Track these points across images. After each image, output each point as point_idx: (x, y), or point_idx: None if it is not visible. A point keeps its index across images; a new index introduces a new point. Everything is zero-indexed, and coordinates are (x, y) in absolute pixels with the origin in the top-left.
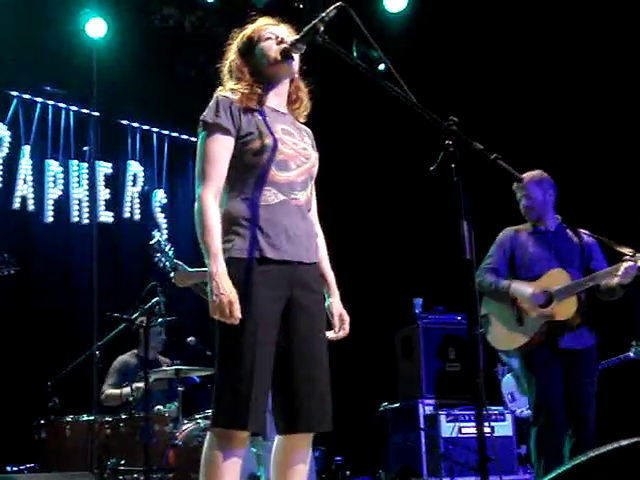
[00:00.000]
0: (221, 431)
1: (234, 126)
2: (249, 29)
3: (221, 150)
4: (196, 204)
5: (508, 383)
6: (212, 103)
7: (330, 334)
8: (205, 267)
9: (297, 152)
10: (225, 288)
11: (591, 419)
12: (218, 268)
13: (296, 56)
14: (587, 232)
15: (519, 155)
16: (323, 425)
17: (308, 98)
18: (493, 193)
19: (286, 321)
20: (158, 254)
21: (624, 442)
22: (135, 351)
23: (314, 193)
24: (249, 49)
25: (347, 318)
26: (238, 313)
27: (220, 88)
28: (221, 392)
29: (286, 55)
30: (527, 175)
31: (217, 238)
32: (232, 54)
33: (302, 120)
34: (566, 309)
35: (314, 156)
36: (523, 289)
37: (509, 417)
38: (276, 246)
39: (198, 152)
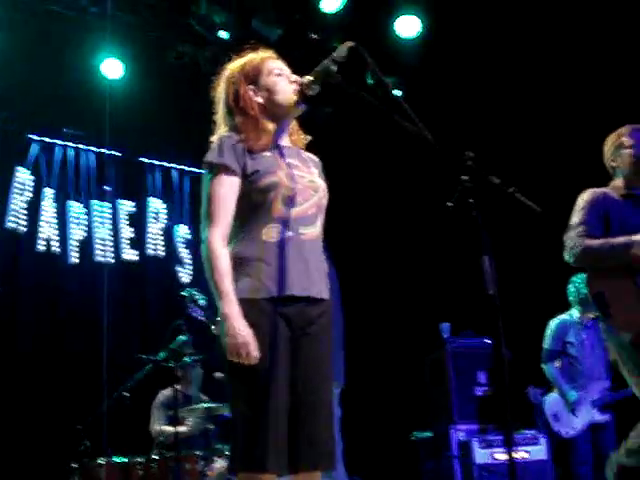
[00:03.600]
0: (244, 475)
1: (239, 165)
2: (251, 58)
3: (227, 191)
4: (203, 247)
5: (552, 402)
6: (215, 143)
7: None
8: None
9: (304, 186)
10: (240, 328)
11: None
12: (231, 309)
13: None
14: None
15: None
16: (324, 464)
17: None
18: (512, 222)
19: (291, 360)
20: (191, 304)
21: None
22: (177, 387)
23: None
24: (256, 79)
25: None
26: (256, 353)
27: (219, 122)
28: (237, 436)
29: (301, 97)
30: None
31: (227, 280)
32: (235, 81)
33: (302, 147)
34: None
35: (322, 187)
36: None
37: (543, 440)
38: (286, 284)
39: (203, 194)
